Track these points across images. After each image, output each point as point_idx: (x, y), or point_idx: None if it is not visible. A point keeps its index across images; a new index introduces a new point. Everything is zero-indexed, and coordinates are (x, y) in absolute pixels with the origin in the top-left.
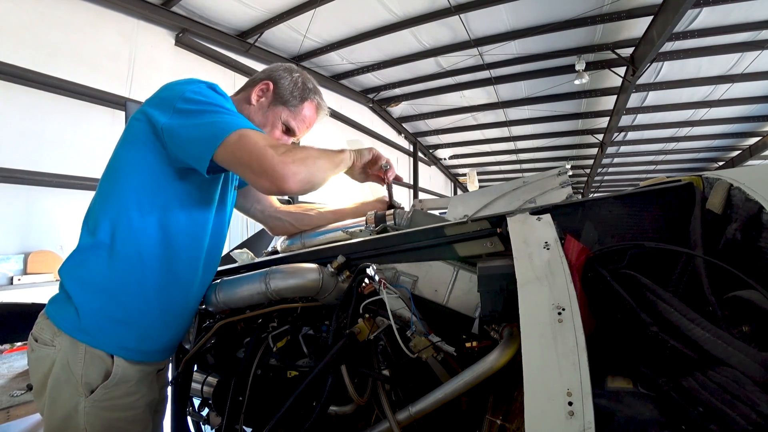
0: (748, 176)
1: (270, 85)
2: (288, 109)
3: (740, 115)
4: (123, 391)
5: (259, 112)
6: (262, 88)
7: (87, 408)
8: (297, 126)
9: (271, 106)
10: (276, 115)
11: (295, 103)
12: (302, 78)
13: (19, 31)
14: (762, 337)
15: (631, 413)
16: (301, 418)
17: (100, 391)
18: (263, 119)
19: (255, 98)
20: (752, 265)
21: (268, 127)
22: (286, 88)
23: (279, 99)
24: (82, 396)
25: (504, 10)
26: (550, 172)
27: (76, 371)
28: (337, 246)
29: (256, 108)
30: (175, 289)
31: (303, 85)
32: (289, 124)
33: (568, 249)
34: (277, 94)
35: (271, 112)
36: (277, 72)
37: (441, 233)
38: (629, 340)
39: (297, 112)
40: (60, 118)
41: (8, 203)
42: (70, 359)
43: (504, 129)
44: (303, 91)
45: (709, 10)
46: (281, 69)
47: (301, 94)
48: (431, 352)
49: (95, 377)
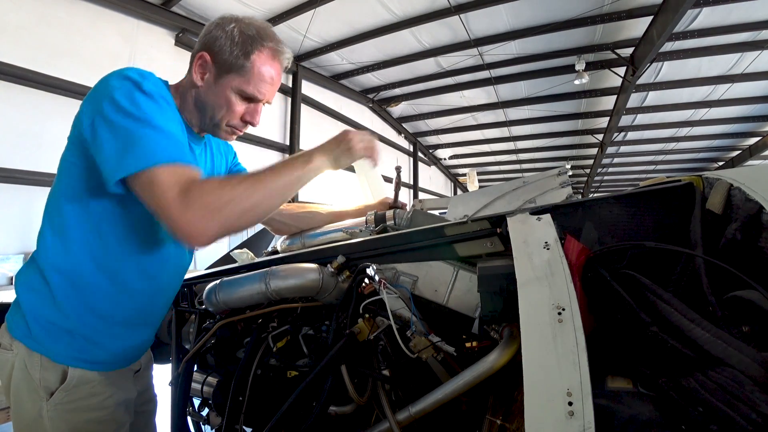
0: (748, 176)
1: (206, 55)
2: (236, 74)
3: (740, 115)
4: (86, 392)
5: (210, 92)
6: (200, 63)
7: (50, 412)
8: (255, 91)
9: (218, 80)
10: (226, 87)
11: (240, 63)
12: (238, 27)
13: (19, 31)
14: (762, 337)
15: (631, 413)
16: (301, 418)
17: (60, 394)
18: (216, 98)
19: (199, 78)
20: (752, 265)
21: (224, 106)
22: (224, 50)
23: (223, 67)
24: (44, 400)
25: (504, 10)
26: (550, 172)
27: (34, 375)
28: (337, 246)
29: (205, 88)
30: (124, 298)
31: (242, 35)
32: (245, 91)
33: (568, 249)
34: (218, 62)
35: (219, 87)
36: (209, 35)
37: (441, 233)
38: (629, 340)
39: (247, 73)
40: (60, 118)
41: (8, 203)
42: (27, 364)
43: (504, 129)
44: (245, 43)
45: (709, 10)
46: (213, 28)
47: (243, 49)
48: (431, 352)
49: (53, 381)
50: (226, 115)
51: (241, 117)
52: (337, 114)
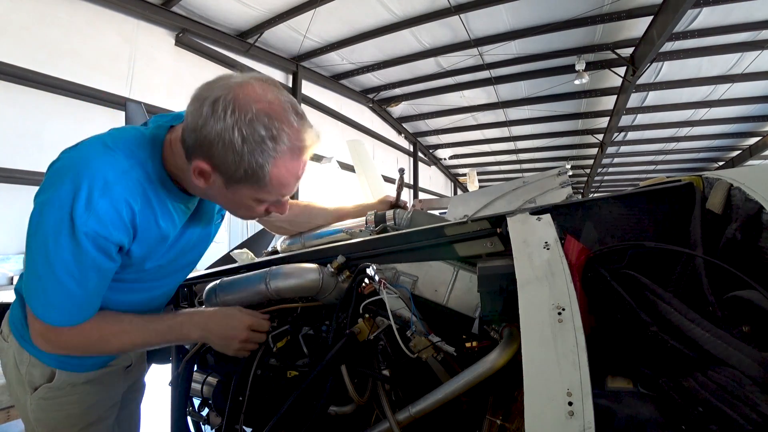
0: (748, 176)
1: (203, 166)
2: (251, 186)
3: (740, 115)
4: (70, 391)
5: (220, 195)
6: (198, 171)
7: (32, 405)
8: (278, 196)
9: (230, 187)
10: (241, 195)
11: (252, 176)
12: (238, 128)
13: (19, 31)
14: (762, 337)
15: (631, 413)
16: (301, 418)
17: (42, 390)
18: (229, 201)
19: (201, 182)
20: (752, 265)
21: (242, 209)
22: (227, 163)
23: (231, 178)
24: (28, 393)
25: (504, 10)
26: (550, 172)
27: (21, 370)
28: (337, 246)
29: (211, 192)
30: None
31: (246, 141)
32: (266, 200)
33: (568, 249)
34: (223, 173)
35: (232, 193)
36: (200, 133)
37: (441, 233)
38: (629, 340)
39: (265, 185)
40: (60, 118)
41: (8, 203)
42: (17, 359)
43: (504, 129)
44: (253, 153)
45: (709, 10)
46: (204, 121)
47: (252, 160)
48: (431, 352)
49: (38, 377)
50: (246, 214)
51: (265, 209)
52: (338, 114)
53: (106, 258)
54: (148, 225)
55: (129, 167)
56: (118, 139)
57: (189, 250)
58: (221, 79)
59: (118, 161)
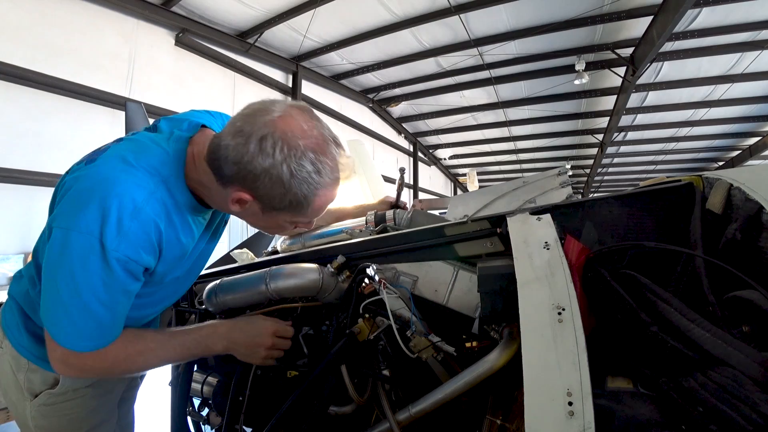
0: (748, 176)
1: (245, 196)
2: (290, 212)
3: (740, 115)
4: (72, 396)
5: (253, 218)
6: (237, 200)
7: (33, 412)
8: (313, 218)
9: (266, 214)
10: (276, 219)
11: (295, 207)
12: (287, 165)
13: (19, 31)
14: (762, 337)
15: (631, 413)
16: (301, 418)
17: (44, 396)
18: (261, 223)
19: (236, 207)
20: (752, 265)
21: (272, 229)
22: (273, 197)
23: (271, 207)
24: (27, 400)
25: (504, 10)
26: (550, 172)
27: (19, 377)
28: (337, 246)
29: (244, 214)
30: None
31: (295, 177)
32: (300, 222)
33: (568, 249)
34: (264, 203)
35: (267, 218)
36: (244, 166)
37: (441, 233)
38: (629, 340)
39: (305, 212)
40: (60, 118)
41: (8, 203)
42: (13, 365)
43: (504, 129)
44: (299, 187)
45: (709, 10)
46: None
47: (299, 194)
48: (431, 352)
49: (38, 383)
50: (275, 232)
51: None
52: (338, 114)
53: (134, 280)
54: (171, 243)
55: (154, 187)
56: (139, 155)
57: (202, 257)
58: (262, 113)
59: (143, 181)
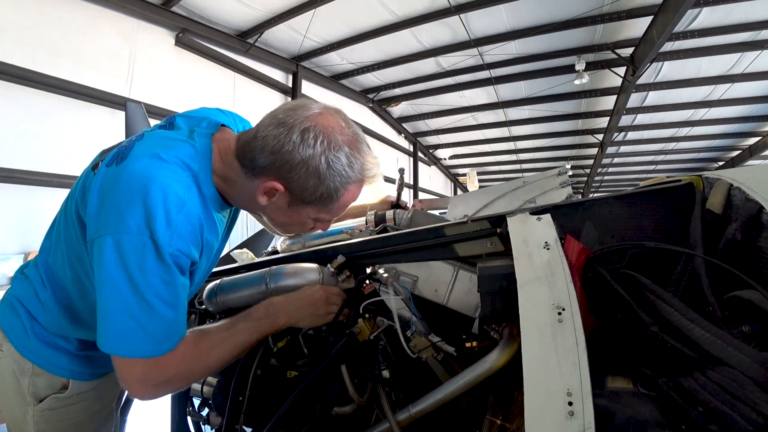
0: (748, 176)
1: (278, 186)
2: (316, 206)
3: (740, 115)
4: (76, 398)
5: (277, 212)
6: (267, 190)
7: (36, 417)
8: (335, 215)
9: (292, 207)
10: (301, 214)
11: (324, 200)
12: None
13: (19, 31)
14: (762, 337)
15: (631, 413)
16: (301, 418)
17: (50, 401)
18: (284, 218)
19: (263, 200)
20: (752, 265)
21: (294, 225)
22: (306, 188)
23: (301, 199)
24: (30, 405)
25: (504, 10)
26: (550, 172)
27: (23, 382)
28: (337, 246)
29: (269, 208)
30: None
31: (331, 169)
32: (323, 219)
33: (568, 249)
34: (295, 194)
35: (292, 211)
36: (283, 156)
37: (441, 233)
38: (629, 340)
39: (331, 207)
40: (60, 118)
41: (8, 203)
42: (16, 370)
43: (504, 129)
44: (333, 180)
45: (709, 10)
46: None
47: (331, 187)
48: (431, 352)
49: (43, 388)
50: (292, 229)
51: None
52: None
53: (186, 276)
54: (206, 239)
55: (190, 181)
56: (169, 150)
57: (217, 257)
58: (302, 108)
59: (179, 175)
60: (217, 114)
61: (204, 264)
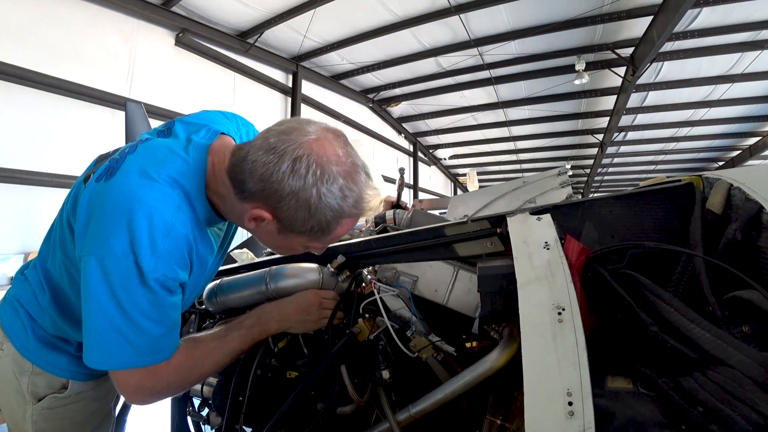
0: (748, 176)
1: (265, 215)
2: (308, 237)
3: (740, 115)
4: (75, 398)
5: (266, 236)
6: (255, 216)
7: (35, 416)
8: (327, 244)
9: (282, 234)
10: (291, 241)
11: (318, 234)
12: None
13: (19, 31)
14: (762, 337)
15: (631, 413)
16: (301, 419)
17: (49, 400)
18: (274, 243)
19: (252, 224)
20: (752, 265)
21: (284, 250)
22: (296, 220)
23: (291, 229)
24: (29, 404)
25: (504, 10)
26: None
27: (23, 381)
28: (337, 246)
29: (258, 231)
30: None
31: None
32: (315, 248)
33: (568, 249)
34: (284, 224)
35: (283, 237)
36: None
37: (441, 233)
38: (629, 340)
39: (324, 238)
40: (60, 118)
41: (8, 203)
42: (15, 369)
43: (504, 129)
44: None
45: (709, 10)
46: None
47: (323, 222)
48: (431, 352)
49: (43, 387)
50: (284, 252)
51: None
52: (338, 114)
53: (176, 295)
54: (198, 257)
55: (180, 201)
56: (160, 166)
57: (213, 271)
58: (297, 132)
59: (168, 196)
60: (219, 120)
61: (196, 278)
